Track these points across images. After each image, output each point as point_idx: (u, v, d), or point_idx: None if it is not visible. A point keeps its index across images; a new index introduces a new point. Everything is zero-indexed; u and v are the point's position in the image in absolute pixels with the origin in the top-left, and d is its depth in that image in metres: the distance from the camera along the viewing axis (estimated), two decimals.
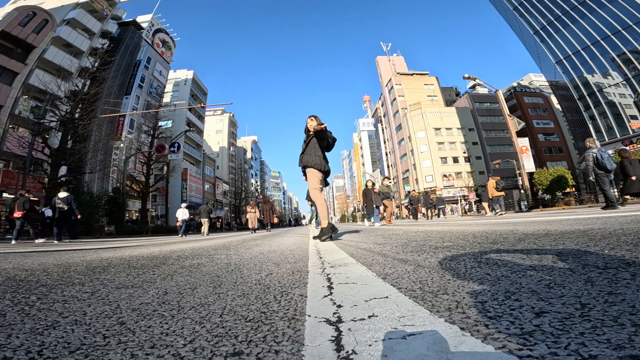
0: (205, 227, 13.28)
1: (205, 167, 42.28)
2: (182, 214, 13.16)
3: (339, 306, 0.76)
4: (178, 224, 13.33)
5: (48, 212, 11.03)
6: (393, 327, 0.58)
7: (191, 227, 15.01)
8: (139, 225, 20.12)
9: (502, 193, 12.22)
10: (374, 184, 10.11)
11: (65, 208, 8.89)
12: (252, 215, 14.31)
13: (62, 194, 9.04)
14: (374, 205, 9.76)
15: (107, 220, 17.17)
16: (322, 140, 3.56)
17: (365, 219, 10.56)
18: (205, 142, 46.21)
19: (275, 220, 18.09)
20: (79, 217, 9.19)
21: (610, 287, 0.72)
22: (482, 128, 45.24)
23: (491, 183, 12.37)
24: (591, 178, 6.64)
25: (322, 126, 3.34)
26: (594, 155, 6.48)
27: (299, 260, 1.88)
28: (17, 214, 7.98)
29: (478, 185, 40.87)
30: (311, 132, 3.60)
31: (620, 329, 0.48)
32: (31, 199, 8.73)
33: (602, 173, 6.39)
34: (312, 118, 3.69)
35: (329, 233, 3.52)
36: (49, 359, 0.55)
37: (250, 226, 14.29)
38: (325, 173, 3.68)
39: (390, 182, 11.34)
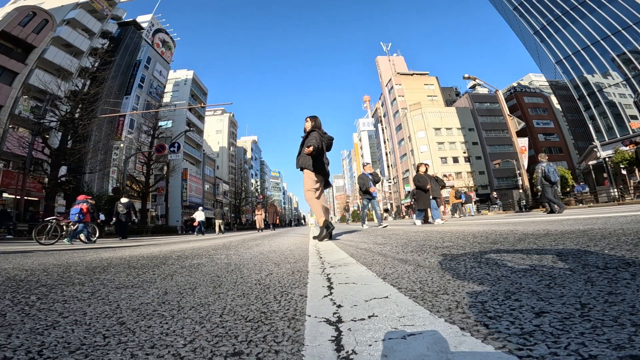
0: (217, 227, 15.95)
1: (205, 167, 42.27)
2: (199, 215, 15.32)
3: (339, 306, 0.76)
4: (195, 224, 15.41)
5: (102, 217, 12.80)
6: (393, 327, 0.58)
7: (190, 227, 17.58)
8: (138, 225, 20.12)
9: (461, 200, 15.52)
10: (427, 167, 7.76)
11: (125, 211, 10.42)
12: (259, 217, 16.71)
13: (124, 200, 10.60)
14: (431, 197, 7.38)
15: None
16: (321, 155, 3.61)
17: (415, 216, 7.68)
18: (205, 142, 46.20)
19: (278, 221, 20.61)
20: (134, 219, 10.83)
21: (610, 287, 0.72)
22: (482, 128, 45.22)
23: (452, 193, 15.84)
24: (539, 187, 7.54)
25: (310, 150, 3.33)
26: (543, 168, 7.41)
27: (299, 260, 1.88)
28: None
29: (478, 185, 40.90)
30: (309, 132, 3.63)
31: (620, 329, 0.48)
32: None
33: (547, 184, 7.34)
34: (308, 119, 3.73)
35: (326, 231, 3.56)
36: (49, 359, 0.55)
37: (257, 226, 16.73)
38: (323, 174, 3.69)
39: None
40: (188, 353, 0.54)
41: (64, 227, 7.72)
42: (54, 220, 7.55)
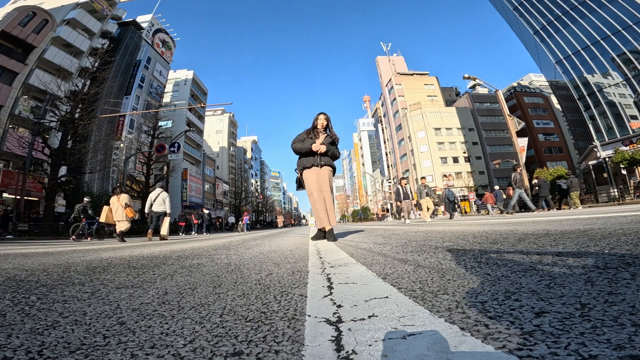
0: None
1: (205, 167, 42.28)
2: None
3: (339, 306, 0.76)
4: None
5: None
6: (393, 327, 0.58)
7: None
8: (138, 225, 20.14)
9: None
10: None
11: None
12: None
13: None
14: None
15: None
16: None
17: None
18: (205, 142, 46.21)
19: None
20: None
21: (610, 287, 0.72)
22: (482, 128, 45.24)
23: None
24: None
25: (323, 149, 3.44)
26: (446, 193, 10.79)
27: (299, 260, 1.88)
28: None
29: (478, 185, 40.92)
30: (318, 129, 3.61)
31: (620, 329, 0.48)
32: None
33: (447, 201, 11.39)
34: (320, 117, 3.66)
35: (321, 235, 3.60)
36: (49, 359, 0.55)
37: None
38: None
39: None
40: (188, 353, 0.54)
41: (89, 226, 9.60)
42: (85, 222, 9.40)
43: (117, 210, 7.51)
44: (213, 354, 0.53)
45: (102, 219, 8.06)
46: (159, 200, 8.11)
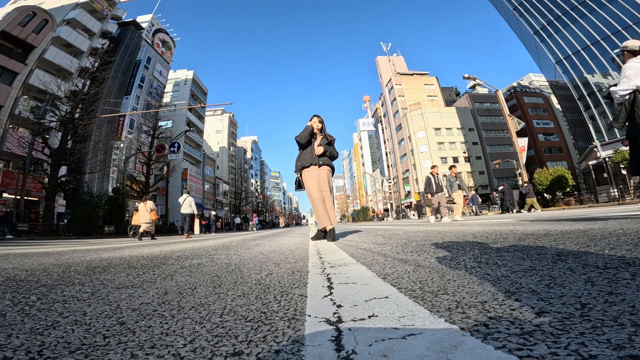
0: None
1: (205, 167, 42.28)
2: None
3: (339, 306, 0.76)
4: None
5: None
6: (393, 327, 0.58)
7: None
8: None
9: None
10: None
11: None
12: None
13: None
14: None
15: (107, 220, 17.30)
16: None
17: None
18: (205, 142, 46.21)
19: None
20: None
21: (610, 287, 0.72)
22: (482, 128, 45.23)
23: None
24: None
25: (320, 150, 3.48)
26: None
27: (299, 260, 1.88)
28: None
29: (478, 185, 40.92)
30: (316, 132, 3.62)
31: (620, 329, 0.48)
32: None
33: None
34: (317, 118, 3.67)
35: (321, 235, 3.61)
36: (49, 359, 0.55)
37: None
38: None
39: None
40: (188, 353, 0.54)
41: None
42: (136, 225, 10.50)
43: (144, 215, 8.90)
44: (213, 354, 0.53)
45: (133, 222, 10.23)
46: (185, 204, 9.89)
